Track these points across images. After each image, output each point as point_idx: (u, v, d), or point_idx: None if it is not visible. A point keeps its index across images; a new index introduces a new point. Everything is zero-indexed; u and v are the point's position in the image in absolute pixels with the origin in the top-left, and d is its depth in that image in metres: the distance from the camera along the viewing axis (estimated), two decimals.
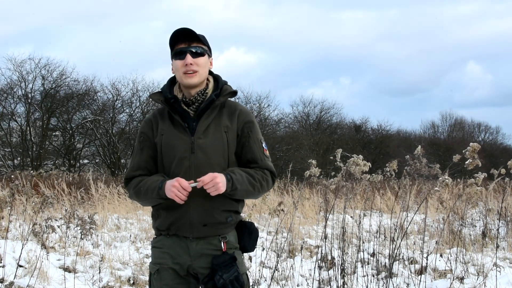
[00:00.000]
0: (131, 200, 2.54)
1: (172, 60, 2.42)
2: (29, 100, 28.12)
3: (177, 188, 2.21)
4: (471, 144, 3.77)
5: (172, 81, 2.48)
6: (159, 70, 50.77)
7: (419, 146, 4.05)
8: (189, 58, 2.34)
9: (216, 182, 2.20)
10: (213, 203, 2.30)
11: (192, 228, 2.31)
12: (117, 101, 30.68)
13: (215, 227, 2.33)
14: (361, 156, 4.38)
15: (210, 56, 2.45)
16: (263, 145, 2.45)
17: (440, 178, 3.91)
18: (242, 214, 2.50)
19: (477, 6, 64.30)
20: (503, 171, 5.37)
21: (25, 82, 28.29)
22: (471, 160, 3.73)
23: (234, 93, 2.43)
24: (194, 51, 2.36)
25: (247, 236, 2.40)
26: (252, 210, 6.39)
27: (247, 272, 2.45)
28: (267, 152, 2.46)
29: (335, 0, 62.70)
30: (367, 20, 61.24)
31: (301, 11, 60.14)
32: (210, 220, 2.31)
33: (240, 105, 2.46)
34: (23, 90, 28.30)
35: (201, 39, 2.39)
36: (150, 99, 2.65)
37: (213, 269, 2.28)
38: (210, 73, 2.48)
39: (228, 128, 2.37)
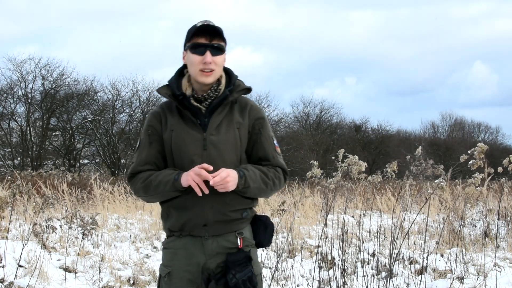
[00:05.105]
0: (137, 196, 2.38)
1: (186, 51, 2.26)
2: (29, 100, 28.16)
3: (203, 177, 2.11)
4: (479, 144, 3.75)
5: (180, 72, 2.33)
6: (166, 70, 50.80)
7: (419, 147, 4.05)
8: (208, 56, 2.19)
9: (226, 181, 2.11)
10: (228, 201, 2.21)
11: (207, 227, 2.21)
12: (117, 101, 30.77)
13: (231, 223, 2.24)
14: (356, 157, 4.38)
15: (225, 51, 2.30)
16: (275, 142, 2.36)
17: (436, 181, 3.91)
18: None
19: (484, 7, 64.20)
20: (499, 169, 5.36)
21: (25, 82, 28.39)
22: (475, 161, 3.72)
23: (248, 89, 2.32)
24: (215, 48, 2.21)
25: (263, 231, 2.30)
26: None
27: (262, 273, 2.35)
28: (278, 150, 2.37)
29: (343, 0, 62.69)
30: (374, 20, 61.31)
31: (308, 11, 60.19)
32: (225, 218, 2.22)
33: (251, 101, 2.35)
34: (23, 90, 28.39)
35: (222, 36, 2.23)
36: (158, 93, 2.47)
37: (227, 267, 2.19)
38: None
39: (240, 124, 2.27)
